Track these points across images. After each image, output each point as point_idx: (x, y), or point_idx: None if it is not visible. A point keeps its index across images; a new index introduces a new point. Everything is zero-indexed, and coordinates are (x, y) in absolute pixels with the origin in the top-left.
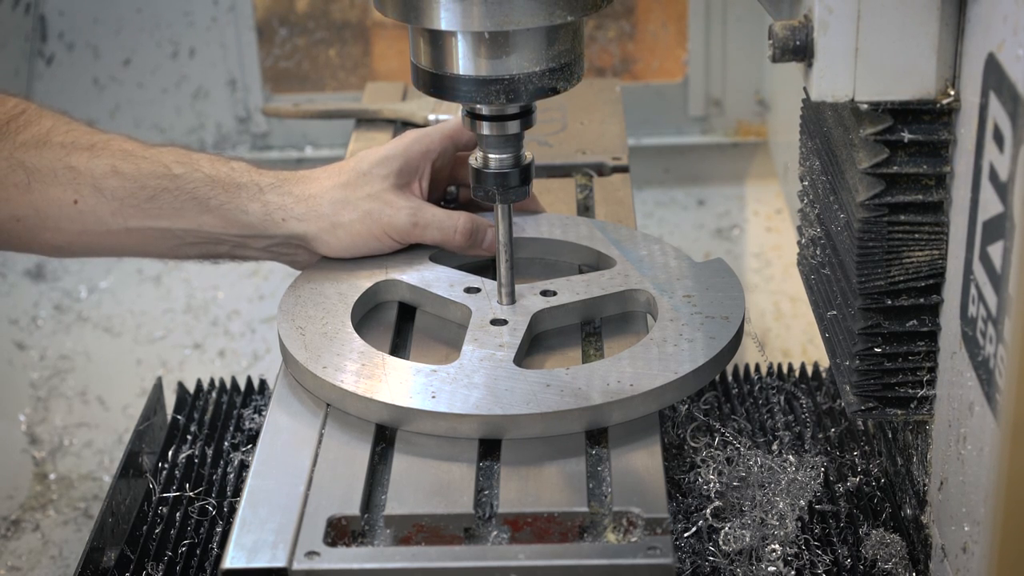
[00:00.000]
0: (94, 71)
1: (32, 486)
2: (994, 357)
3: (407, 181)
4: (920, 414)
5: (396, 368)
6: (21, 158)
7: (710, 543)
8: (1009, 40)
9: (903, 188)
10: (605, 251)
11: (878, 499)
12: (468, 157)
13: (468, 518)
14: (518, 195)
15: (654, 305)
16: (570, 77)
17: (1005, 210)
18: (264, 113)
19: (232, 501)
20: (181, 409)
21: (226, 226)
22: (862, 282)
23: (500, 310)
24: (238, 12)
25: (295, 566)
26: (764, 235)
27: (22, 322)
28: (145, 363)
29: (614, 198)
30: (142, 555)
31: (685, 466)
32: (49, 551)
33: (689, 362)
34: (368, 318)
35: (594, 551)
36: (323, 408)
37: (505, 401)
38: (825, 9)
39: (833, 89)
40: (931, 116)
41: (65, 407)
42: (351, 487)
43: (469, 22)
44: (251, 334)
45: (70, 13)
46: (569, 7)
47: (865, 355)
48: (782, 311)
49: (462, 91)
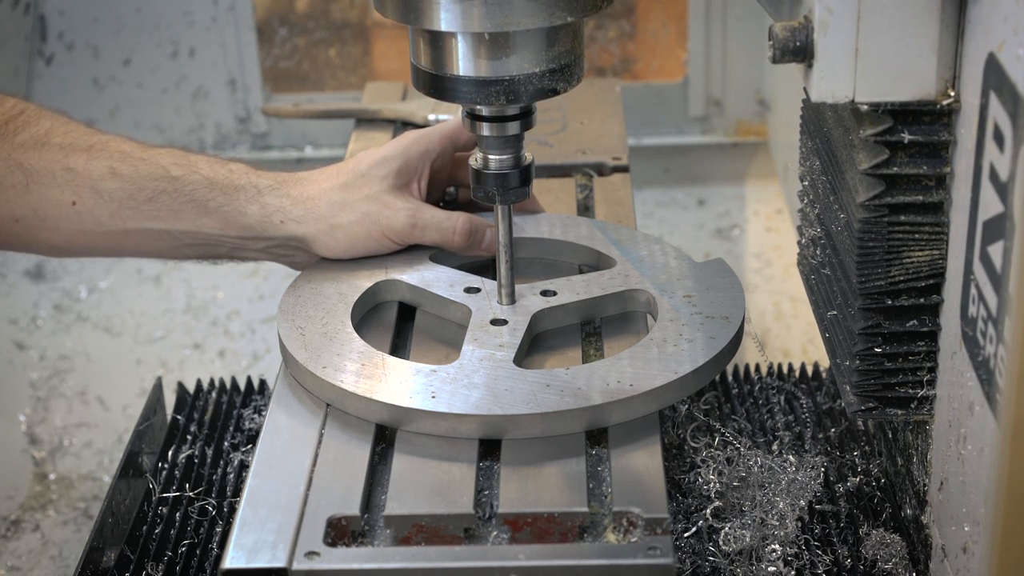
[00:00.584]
0: (94, 71)
1: (32, 486)
2: (994, 357)
3: (406, 182)
4: (920, 414)
5: (396, 368)
6: (19, 159)
7: (710, 543)
8: (1009, 40)
9: (903, 189)
10: (605, 251)
11: (878, 499)
12: (467, 158)
13: (468, 518)
14: (518, 196)
15: (654, 305)
16: (570, 78)
17: (1005, 210)
18: (264, 113)
19: (232, 501)
20: (181, 409)
21: (224, 228)
22: (862, 282)
23: (500, 310)
24: (238, 12)
25: (295, 566)
26: (764, 235)
27: (22, 322)
28: (145, 363)
29: (614, 198)
30: (142, 555)
31: (685, 466)
32: (49, 551)
33: (689, 362)
34: (368, 318)
35: (594, 551)
36: (323, 408)
37: (505, 401)
38: (825, 10)
39: (833, 90)
40: (931, 117)
41: (65, 407)
42: (351, 487)
43: (469, 23)
44: (251, 334)
45: (70, 13)
46: (569, 8)
47: (865, 355)
48: (782, 311)
49: (462, 92)
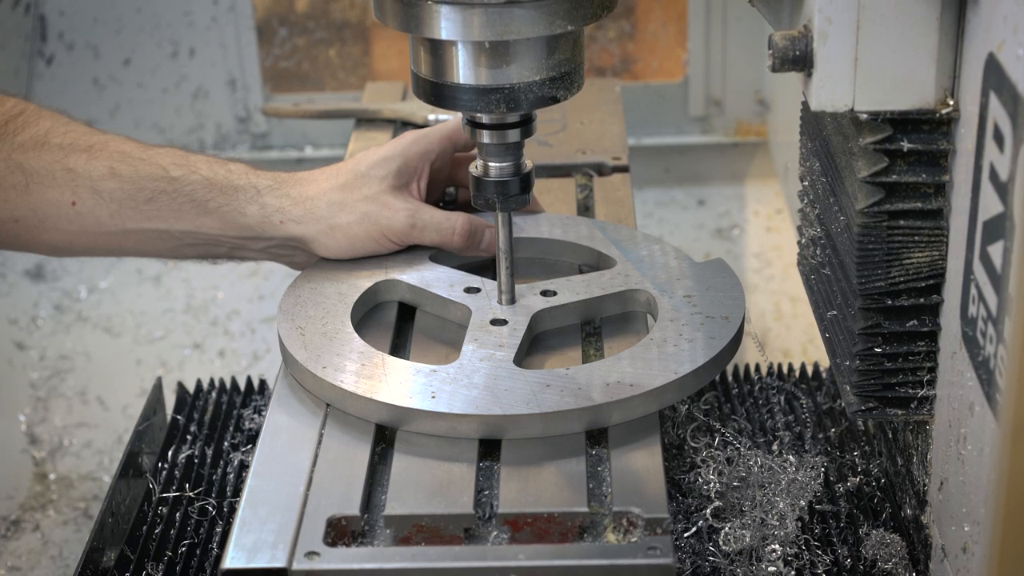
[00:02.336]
0: (94, 71)
1: (32, 486)
2: (994, 357)
3: (405, 182)
4: (920, 414)
5: (396, 368)
6: (19, 159)
7: (710, 543)
8: (1009, 40)
9: (902, 196)
10: (605, 251)
11: (878, 499)
12: (467, 159)
13: (468, 518)
14: (518, 203)
15: (654, 305)
16: (570, 86)
17: (1005, 210)
18: (264, 113)
19: (232, 501)
20: (181, 409)
21: (224, 228)
22: (862, 282)
23: (500, 310)
24: (238, 12)
25: (295, 566)
26: (764, 235)
27: (22, 322)
28: (145, 363)
29: (614, 198)
30: (142, 555)
31: (685, 466)
32: (49, 551)
33: (689, 362)
34: (368, 318)
35: (594, 551)
36: (323, 408)
37: (505, 401)
38: (824, 19)
39: (833, 99)
40: (930, 125)
41: (65, 407)
42: (351, 487)
43: (470, 32)
44: (251, 334)
45: (70, 13)
46: (569, 17)
47: (865, 355)
48: (782, 311)
49: (463, 100)
